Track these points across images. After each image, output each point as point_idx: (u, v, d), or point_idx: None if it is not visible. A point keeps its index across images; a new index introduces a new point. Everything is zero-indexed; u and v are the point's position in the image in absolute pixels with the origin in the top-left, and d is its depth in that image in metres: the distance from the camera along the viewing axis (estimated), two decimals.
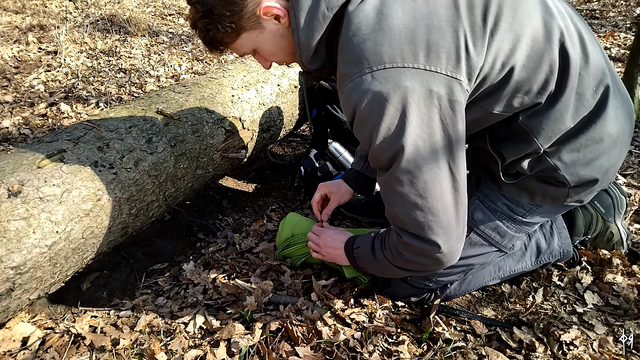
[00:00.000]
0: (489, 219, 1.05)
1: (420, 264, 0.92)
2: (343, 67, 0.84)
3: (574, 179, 0.95)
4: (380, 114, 0.79)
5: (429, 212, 0.83)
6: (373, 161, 0.88)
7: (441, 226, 0.84)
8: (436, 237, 0.85)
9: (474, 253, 1.09)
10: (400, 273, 1.02)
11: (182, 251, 1.49)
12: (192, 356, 1.03)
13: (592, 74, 0.89)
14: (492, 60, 0.81)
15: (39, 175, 0.98)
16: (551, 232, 1.20)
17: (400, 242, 0.90)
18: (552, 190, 0.99)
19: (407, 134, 0.79)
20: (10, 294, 0.94)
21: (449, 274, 1.13)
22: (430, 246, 0.86)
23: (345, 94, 0.84)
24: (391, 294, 1.21)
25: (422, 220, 0.84)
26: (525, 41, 0.82)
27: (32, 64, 2.90)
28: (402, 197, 0.84)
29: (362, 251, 1.07)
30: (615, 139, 0.94)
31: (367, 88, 0.79)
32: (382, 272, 1.06)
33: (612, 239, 1.29)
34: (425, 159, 0.80)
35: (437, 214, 0.83)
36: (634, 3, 4.02)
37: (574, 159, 0.93)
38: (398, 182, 0.83)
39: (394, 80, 0.77)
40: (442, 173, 0.82)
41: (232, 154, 1.44)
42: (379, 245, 1.00)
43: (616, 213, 1.27)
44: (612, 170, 0.99)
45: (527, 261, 1.20)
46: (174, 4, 4.48)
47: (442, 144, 0.81)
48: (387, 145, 0.81)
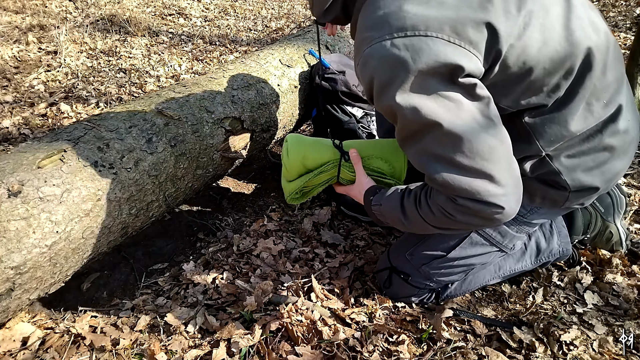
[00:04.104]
0: None
1: (474, 225, 0.85)
2: (363, 31, 0.81)
3: (575, 184, 0.94)
4: (403, 81, 0.76)
5: (481, 174, 0.78)
6: (402, 132, 0.83)
7: (499, 185, 0.78)
8: (497, 199, 0.78)
9: (475, 252, 1.09)
10: (434, 231, 0.94)
11: (182, 251, 1.49)
12: (192, 356, 1.03)
13: (606, 87, 0.88)
14: (517, 54, 0.79)
15: (39, 175, 0.98)
16: (551, 231, 1.20)
17: (454, 206, 0.82)
18: (552, 193, 0.98)
19: (435, 99, 0.76)
20: (10, 294, 0.94)
21: (449, 274, 1.13)
22: (491, 208, 0.79)
23: (362, 60, 0.81)
24: (392, 294, 1.21)
25: (478, 184, 0.78)
26: (552, 43, 0.80)
27: (32, 64, 2.90)
28: (447, 162, 0.79)
29: (386, 209, 1.00)
30: (621, 151, 0.94)
31: (387, 54, 0.76)
32: (412, 229, 0.98)
33: (611, 239, 1.29)
34: (461, 120, 0.76)
35: (491, 175, 0.78)
36: (634, 3, 4.02)
37: (576, 165, 0.92)
38: (439, 147, 0.78)
39: (414, 48, 0.74)
40: (483, 131, 0.77)
41: (232, 154, 1.44)
42: (411, 205, 0.93)
43: (616, 213, 1.27)
44: (613, 180, 0.98)
45: (527, 260, 1.20)
46: (174, 4, 4.47)
47: (473, 105, 0.78)
48: (415, 112, 0.77)
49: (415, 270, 1.14)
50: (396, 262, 1.18)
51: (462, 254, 1.09)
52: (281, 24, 4.13)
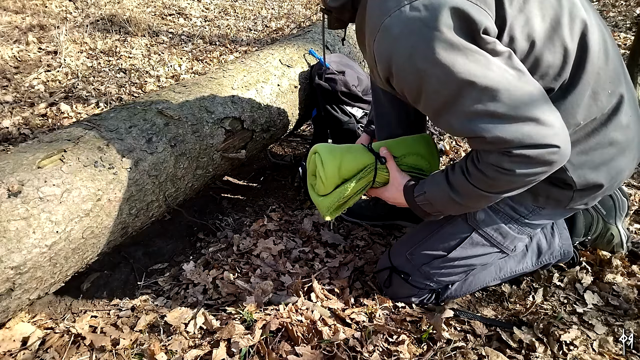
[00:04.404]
0: (492, 220, 1.05)
1: (535, 175, 0.83)
2: (377, 7, 0.82)
3: (581, 182, 0.95)
4: (429, 43, 0.76)
5: (528, 119, 0.77)
6: (435, 101, 0.81)
7: (547, 125, 0.78)
8: (550, 139, 0.78)
9: (476, 253, 1.09)
10: (494, 198, 0.91)
11: (182, 251, 1.49)
12: (192, 356, 1.03)
13: (609, 77, 0.89)
14: (521, 26, 0.80)
15: (39, 175, 0.98)
16: (552, 232, 1.20)
17: (510, 160, 0.80)
18: (557, 193, 0.98)
19: (464, 55, 0.76)
20: (10, 294, 0.94)
21: (450, 274, 1.13)
22: (547, 149, 0.78)
23: (381, 33, 0.80)
24: (392, 294, 1.21)
25: (528, 129, 0.77)
26: (548, 20, 0.82)
27: (32, 64, 2.90)
28: (491, 117, 0.78)
29: (432, 195, 0.98)
30: (625, 147, 0.94)
31: (408, 18, 0.76)
32: (468, 204, 0.96)
33: (612, 240, 1.29)
34: (493, 72, 0.77)
35: (537, 118, 0.77)
36: (634, 3, 4.02)
37: (583, 162, 0.93)
38: (479, 104, 0.78)
39: (433, 6, 0.75)
40: (516, 80, 0.78)
41: (232, 154, 1.44)
42: (460, 178, 0.91)
43: (617, 215, 1.27)
44: (617, 179, 0.98)
45: (527, 262, 1.20)
46: (174, 4, 4.47)
47: (498, 59, 0.78)
48: (448, 72, 0.76)
49: (416, 270, 1.14)
50: (397, 262, 1.18)
51: (463, 254, 1.09)
52: (281, 24, 4.13)
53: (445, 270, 1.12)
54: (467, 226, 1.07)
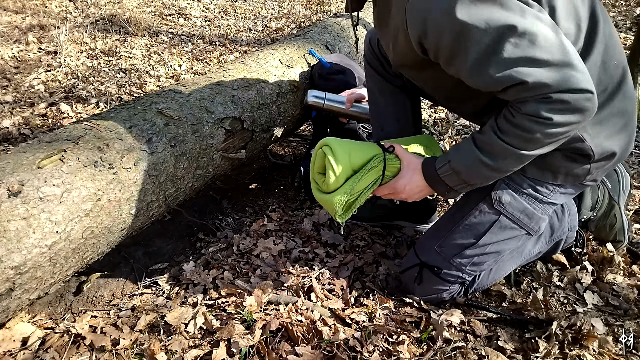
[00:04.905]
0: (517, 201, 1.07)
1: (572, 123, 0.84)
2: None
3: (599, 151, 0.99)
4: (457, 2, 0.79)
5: (564, 64, 0.80)
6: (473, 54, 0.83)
7: (580, 71, 0.81)
8: (585, 84, 0.81)
9: (505, 237, 1.10)
10: (528, 156, 0.91)
11: (182, 251, 1.49)
12: (192, 356, 1.03)
13: (615, 49, 0.95)
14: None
15: (39, 175, 0.98)
16: (562, 210, 1.22)
17: (549, 106, 0.82)
18: (575, 168, 1.02)
19: (501, 4, 0.79)
20: (10, 294, 0.94)
21: (480, 262, 1.13)
22: (584, 94, 0.81)
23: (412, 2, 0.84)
24: (422, 292, 1.20)
25: (565, 72, 0.80)
26: None
27: (32, 64, 2.90)
28: (532, 62, 0.80)
29: (457, 164, 0.98)
30: (632, 116, 1.01)
31: None
32: (500, 166, 0.95)
33: (615, 225, 1.32)
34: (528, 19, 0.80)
35: (572, 63, 0.80)
36: (634, 3, 4.02)
37: (598, 131, 0.97)
38: (519, 50, 0.80)
39: None
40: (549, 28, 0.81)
41: (232, 154, 1.44)
42: (491, 139, 0.91)
43: (620, 191, 1.31)
44: (626, 148, 1.03)
45: (542, 242, 1.22)
46: (174, 4, 4.48)
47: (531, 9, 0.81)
48: (487, 22, 0.79)
49: (447, 262, 1.13)
50: (426, 257, 1.16)
51: (493, 239, 1.09)
52: (281, 24, 4.13)
53: (476, 258, 1.12)
54: (494, 210, 1.08)
